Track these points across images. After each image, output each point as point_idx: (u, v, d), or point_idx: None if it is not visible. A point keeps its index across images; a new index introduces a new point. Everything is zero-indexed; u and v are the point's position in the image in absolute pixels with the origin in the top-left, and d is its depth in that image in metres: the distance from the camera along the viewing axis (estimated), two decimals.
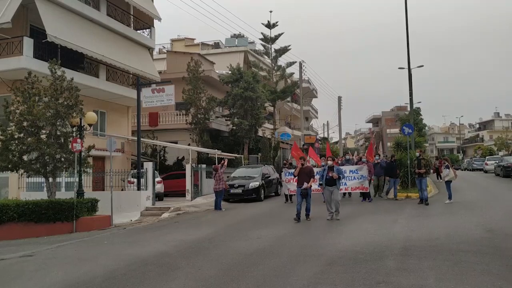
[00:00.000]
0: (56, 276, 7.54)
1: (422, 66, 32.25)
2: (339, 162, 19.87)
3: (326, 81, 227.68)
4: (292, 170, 16.84)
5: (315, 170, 14.89)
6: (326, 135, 68.85)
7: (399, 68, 29.96)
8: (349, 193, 18.99)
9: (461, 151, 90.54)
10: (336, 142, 62.88)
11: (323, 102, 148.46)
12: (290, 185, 17.88)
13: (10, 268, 8.52)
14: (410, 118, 26.03)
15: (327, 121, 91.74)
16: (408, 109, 34.39)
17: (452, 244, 8.53)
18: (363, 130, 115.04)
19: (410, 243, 8.83)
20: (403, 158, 20.35)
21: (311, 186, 13.06)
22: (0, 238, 13.10)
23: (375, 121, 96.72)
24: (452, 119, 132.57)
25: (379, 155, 19.51)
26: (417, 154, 16.41)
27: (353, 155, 24.06)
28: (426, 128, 70.27)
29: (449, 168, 15.99)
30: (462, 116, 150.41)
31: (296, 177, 13.31)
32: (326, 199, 12.93)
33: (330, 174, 12.63)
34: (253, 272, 7.02)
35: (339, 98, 54.96)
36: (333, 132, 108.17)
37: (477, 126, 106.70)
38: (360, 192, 17.91)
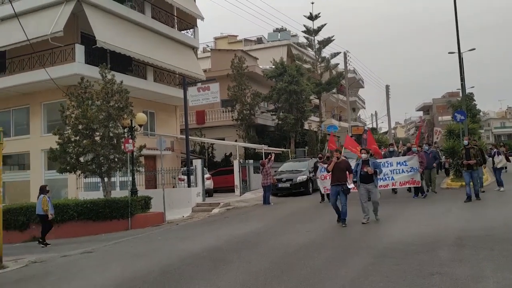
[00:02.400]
0: (115, 271, 7.92)
1: (474, 49, 30.87)
2: (382, 153, 17.63)
3: (373, 70, 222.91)
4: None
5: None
6: (374, 126, 67.49)
7: (449, 52, 28.76)
8: (395, 190, 16.50)
9: None
10: (386, 132, 61.39)
11: (370, 92, 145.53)
12: (326, 182, 15.20)
13: (73, 264, 9.02)
14: (463, 104, 25.04)
15: (375, 111, 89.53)
16: (460, 95, 33.00)
17: (511, 234, 8.19)
18: (413, 118, 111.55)
19: (465, 233, 8.55)
20: (456, 146, 19.62)
21: (350, 184, 11.17)
22: (62, 236, 13.86)
23: (426, 109, 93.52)
24: (509, 103, 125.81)
25: (429, 145, 17.77)
26: (465, 142, 13.92)
27: (397, 146, 21.16)
28: (481, 113, 67.12)
29: (500, 155, 15.35)
30: None
31: (330, 173, 11.30)
32: (362, 199, 10.80)
33: (365, 169, 10.69)
34: (303, 265, 7.06)
35: (387, 87, 53.72)
36: (382, 122, 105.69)
37: None
38: (410, 187, 15.72)
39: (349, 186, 10.92)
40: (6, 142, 15.28)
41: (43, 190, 13.27)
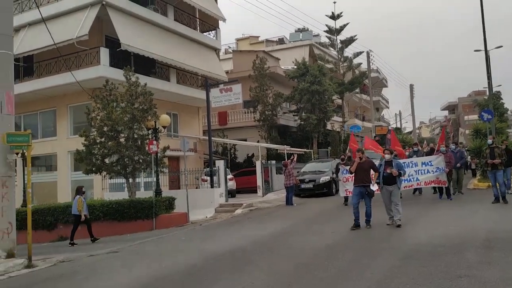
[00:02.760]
0: (140, 270, 8.03)
1: (501, 46, 30.18)
2: (406, 154, 17.32)
3: (396, 69, 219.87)
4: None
5: None
6: (398, 125, 66.57)
7: (475, 50, 28.18)
8: (419, 191, 16.31)
9: None
10: (410, 132, 60.49)
11: (394, 91, 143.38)
12: (348, 184, 14.66)
13: (99, 264, 9.17)
14: (490, 103, 24.49)
15: (399, 111, 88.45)
16: (487, 93, 32.26)
17: None
18: (438, 118, 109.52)
19: (493, 235, 8.35)
20: (483, 146, 19.20)
21: (374, 185, 10.84)
22: (88, 236, 14.09)
23: (451, 108, 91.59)
24: None
25: (456, 144, 17.22)
26: (489, 141, 13.65)
27: (422, 146, 20.36)
28: (509, 112, 65.45)
29: None
30: None
31: (353, 174, 10.81)
32: (385, 201, 10.50)
33: (388, 171, 10.22)
34: (327, 267, 7.01)
35: (411, 86, 52.98)
36: (406, 122, 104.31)
37: None
38: (435, 188, 15.35)
39: (373, 188, 10.52)
40: (34, 144, 15.70)
41: (79, 191, 13.71)
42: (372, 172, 10.61)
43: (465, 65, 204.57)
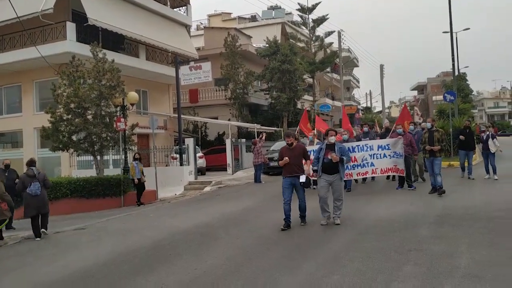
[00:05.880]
0: (106, 246, 8.17)
1: (468, 29, 31.02)
2: (354, 135, 15.52)
3: (368, 50, 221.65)
4: (311, 147, 12.20)
5: (310, 148, 11.56)
6: (369, 105, 67.68)
7: (443, 32, 28.82)
8: (372, 177, 14.08)
9: None
10: (380, 112, 61.60)
11: (365, 71, 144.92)
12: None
13: (66, 240, 9.25)
14: (454, 84, 25.23)
15: (370, 90, 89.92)
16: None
17: (490, 212, 8.48)
18: (408, 98, 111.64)
19: (447, 212, 8.83)
20: (446, 126, 19.88)
21: (309, 174, 9.25)
22: (55, 213, 13.98)
23: (420, 88, 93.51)
24: (503, 83, 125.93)
25: (414, 124, 14.54)
26: (428, 124, 11.56)
27: (372, 127, 17.41)
28: (474, 93, 67.37)
29: (495, 138, 13.65)
30: None
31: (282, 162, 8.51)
32: (320, 194, 8.52)
33: (329, 156, 8.28)
34: (288, 241, 7.32)
35: (381, 66, 53.70)
36: (377, 102, 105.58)
37: None
38: (394, 176, 13.29)
39: (301, 180, 8.41)
40: None
41: (135, 158, 15.46)
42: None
43: (438, 46, 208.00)
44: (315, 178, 9.49)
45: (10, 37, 19.84)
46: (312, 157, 9.67)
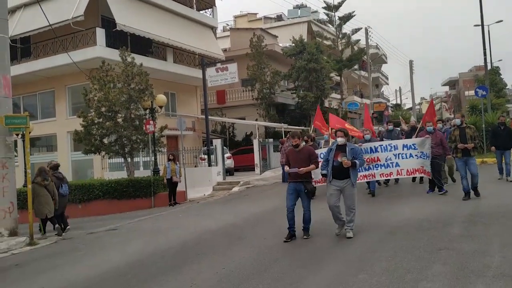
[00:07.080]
0: (136, 246, 8.36)
1: (501, 21, 30.01)
2: (379, 136, 14.07)
3: (397, 45, 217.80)
4: (322, 150, 11.16)
5: (319, 152, 10.63)
6: (398, 102, 66.59)
7: (475, 25, 28.00)
8: (396, 180, 13.08)
9: None
10: (410, 108, 60.51)
11: (394, 67, 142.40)
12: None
13: (98, 240, 9.51)
14: (486, 79, 24.53)
15: (399, 87, 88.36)
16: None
17: None
18: (439, 94, 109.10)
19: (478, 210, 8.60)
20: (478, 122, 19.36)
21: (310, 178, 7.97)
22: (88, 214, 14.48)
23: (452, 83, 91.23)
24: None
25: (443, 122, 13.80)
26: (457, 121, 10.28)
27: (398, 125, 16.22)
28: (509, 87, 65.19)
29: None
30: None
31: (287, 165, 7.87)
32: (329, 202, 7.59)
33: (339, 159, 7.32)
34: (315, 242, 7.31)
35: (411, 62, 52.78)
36: (407, 98, 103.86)
37: None
38: (422, 178, 12.50)
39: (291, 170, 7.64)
40: (34, 125, 15.95)
41: (169, 159, 15.82)
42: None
43: (470, 40, 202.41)
44: (324, 184, 8.36)
45: (43, 44, 20.53)
46: (319, 159, 8.62)
